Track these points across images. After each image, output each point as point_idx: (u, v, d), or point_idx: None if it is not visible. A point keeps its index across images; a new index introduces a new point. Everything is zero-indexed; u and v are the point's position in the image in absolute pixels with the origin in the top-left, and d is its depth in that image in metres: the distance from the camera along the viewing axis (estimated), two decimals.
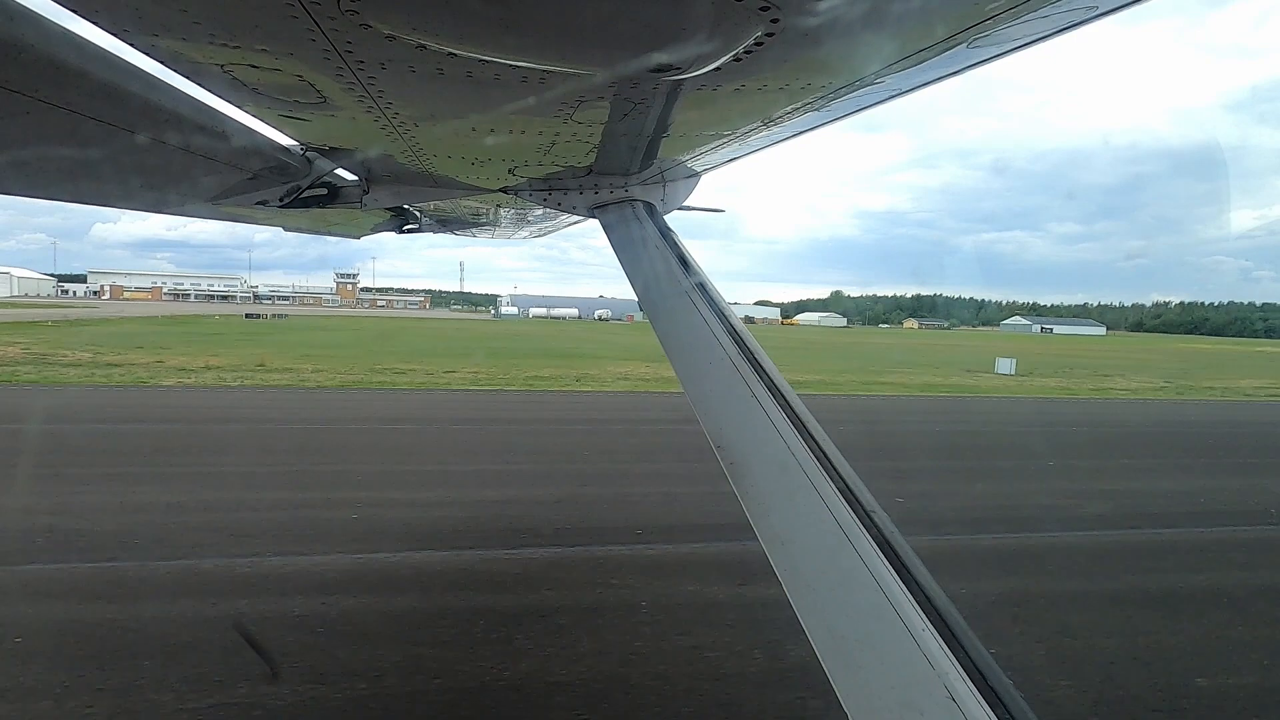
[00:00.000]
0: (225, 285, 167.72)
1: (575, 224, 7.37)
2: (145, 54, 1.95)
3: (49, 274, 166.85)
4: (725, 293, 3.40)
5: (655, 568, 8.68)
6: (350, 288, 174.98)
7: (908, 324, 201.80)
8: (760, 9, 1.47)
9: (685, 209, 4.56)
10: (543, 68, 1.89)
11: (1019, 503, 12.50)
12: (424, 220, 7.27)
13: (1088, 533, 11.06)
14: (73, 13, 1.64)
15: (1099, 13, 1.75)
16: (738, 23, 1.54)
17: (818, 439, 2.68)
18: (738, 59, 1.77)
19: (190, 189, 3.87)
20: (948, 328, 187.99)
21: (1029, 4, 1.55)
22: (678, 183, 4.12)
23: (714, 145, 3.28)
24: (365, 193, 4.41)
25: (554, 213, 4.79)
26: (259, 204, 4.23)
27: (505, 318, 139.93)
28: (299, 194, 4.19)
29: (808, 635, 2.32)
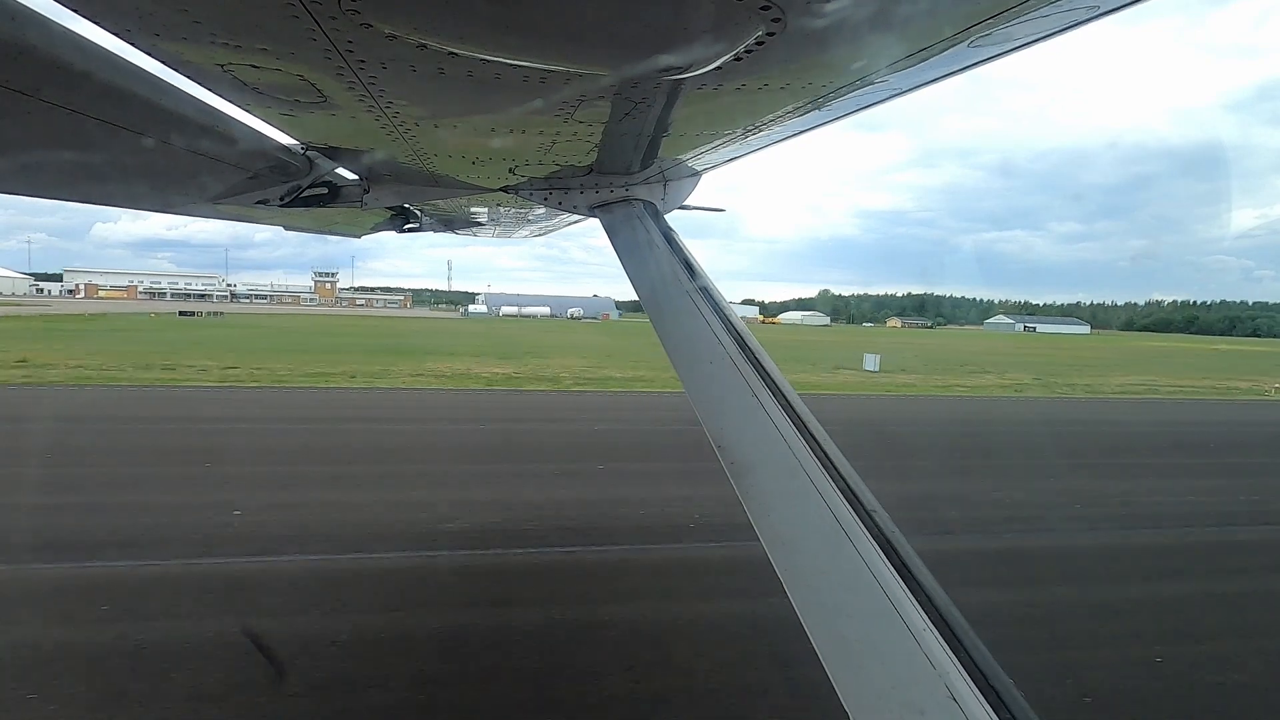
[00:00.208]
0: (204, 284, 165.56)
1: (576, 223, 7.37)
2: (147, 54, 1.95)
3: (26, 273, 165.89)
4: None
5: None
6: (329, 286, 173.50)
7: (890, 322, 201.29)
8: (761, 8, 1.47)
9: (686, 208, 4.56)
10: (544, 67, 1.89)
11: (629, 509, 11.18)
12: (425, 219, 7.27)
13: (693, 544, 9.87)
14: (75, 14, 1.64)
15: (1100, 12, 1.75)
16: (739, 23, 1.54)
17: (819, 439, 2.68)
18: (739, 59, 1.76)
19: (192, 188, 3.87)
20: (930, 326, 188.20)
21: (1030, 3, 1.55)
22: (679, 182, 4.11)
23: (715, 145, 3.28)
24: (366, 192, 4.41)
25: (555, 212, 4.79)
26: (260, 203, 4.23)
27: (473, 316, 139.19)
28: (300, 193, 4.19)
29: (809, 635, 2.32)
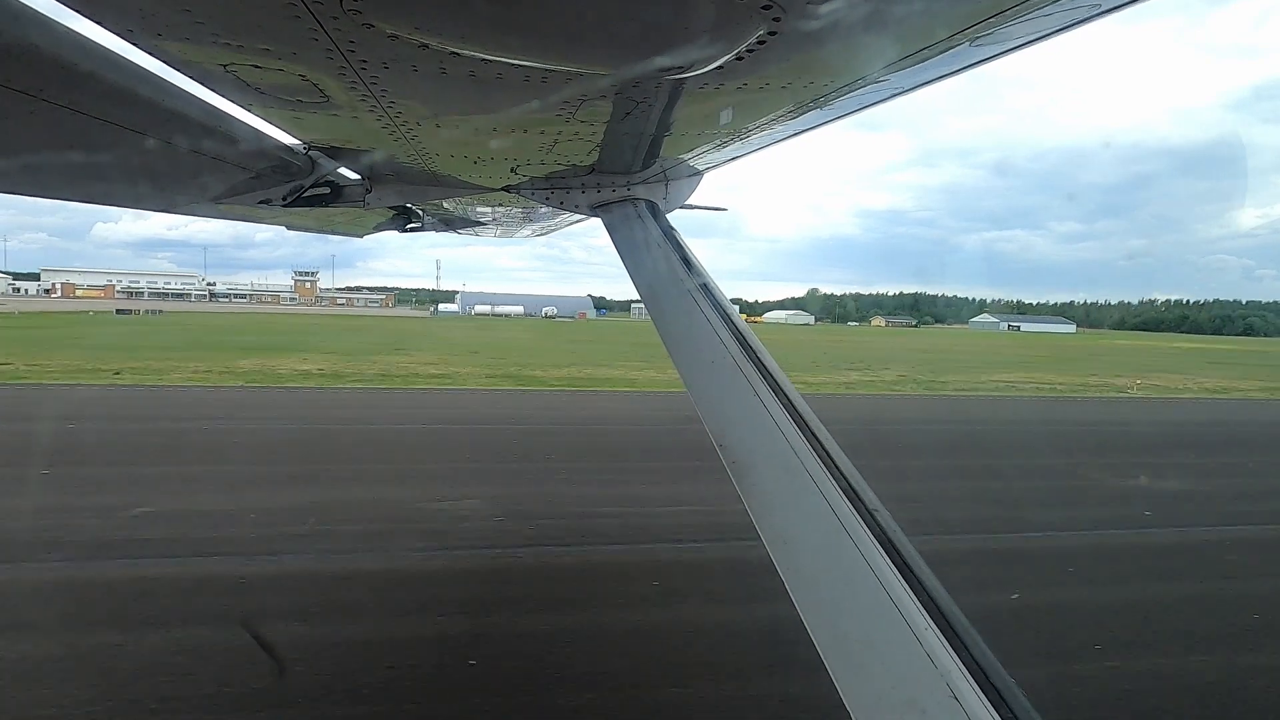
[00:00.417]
0: (182, 283, 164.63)
1: (577, 223, 7.37)
2: (149, 55, 1.96)
3: (4, 271, 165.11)
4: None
5: None
6: (309, 286, 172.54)
7: (875, 321, 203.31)
8: (762, 8, 1.47)
9: (688, 207, 4.57)
10: (545, 67, 1.89)
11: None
12: (427, 219, 7.28)
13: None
14: (78, 14, 1.64)
15: (1100, 11, 1.75)
16: (739, 22, 1.55)
17: (820, 438, 2.68)
18: (739, 58, 1.77)
19: (194, 188, 3.88)
20: (915, 325, 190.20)
21: (1030, 2, 1.55)
22: (680, 181, 4.12)
23: (716, 144, 3.28)
24: (368, 192, 4.42)
25: (556, 211, 4.79)
26: (263, 203, 4.24)
27: (442, 315, 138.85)
28: (302, 193, 4.20)
29: (810, 634, 2.32)
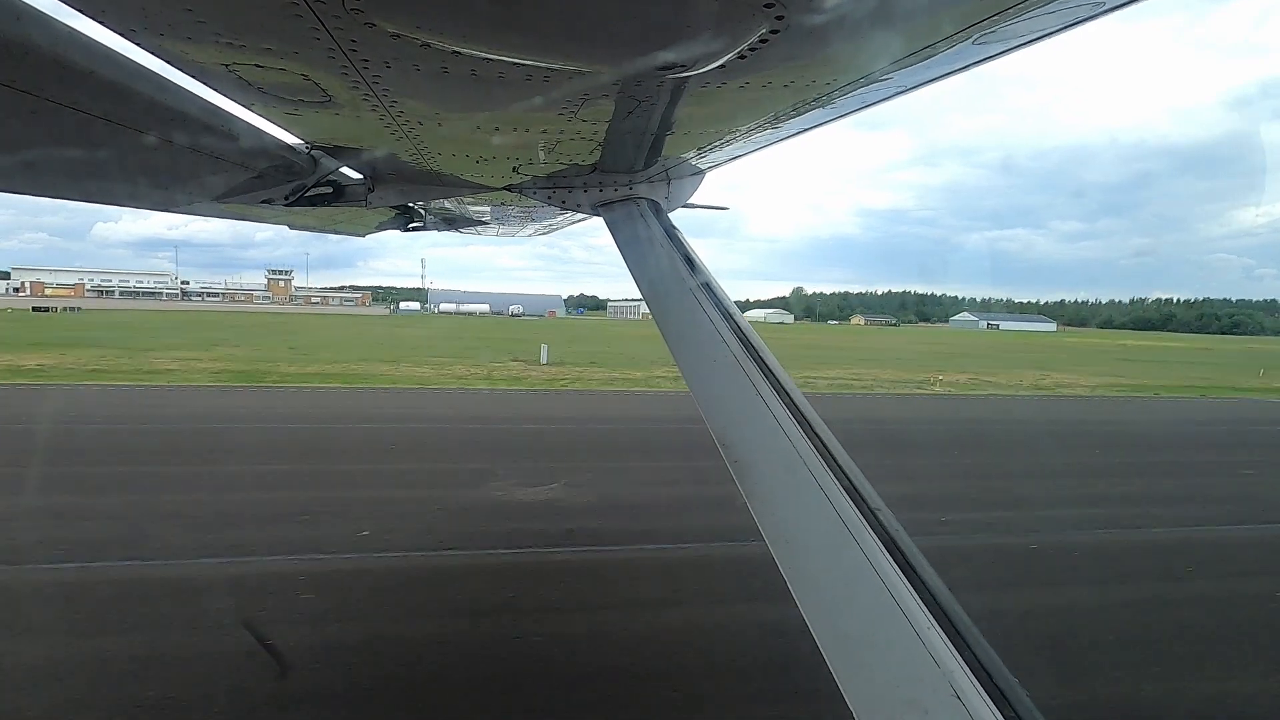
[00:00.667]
0: (155, 281, 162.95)
1: (579, 222, 7.37)
2: (152, 54, 1.96)
3: None
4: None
5: None
6: (283, 285, 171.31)
7: (855, 320, 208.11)
8: (764, 6, 1.46)
9: (690, 206, 4.56)
10: (547, 66, 1.89)
11: None
12: (429, 218, 7.28)
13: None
14: (79, 13, 1.64)
15: (1103, 9, 1.74)
16: (742, 20, 1.54)
17: (822, 437, 2.68)
18: (742, 56, 1.76)
19: (196, 188, 3.88)
20: (895, 324, 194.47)
21: (1032, 1, 1.54)
22: (682, 180, 4.11)
23: (718, 143, 3.27)
24: (370, 191, 4.42)
25: (558, 210, 4.79)
26: (265, 202, 4.24)
27: (405, 313, 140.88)
28: (304, 192, 4.20)
29: (812, 633, 2.32)
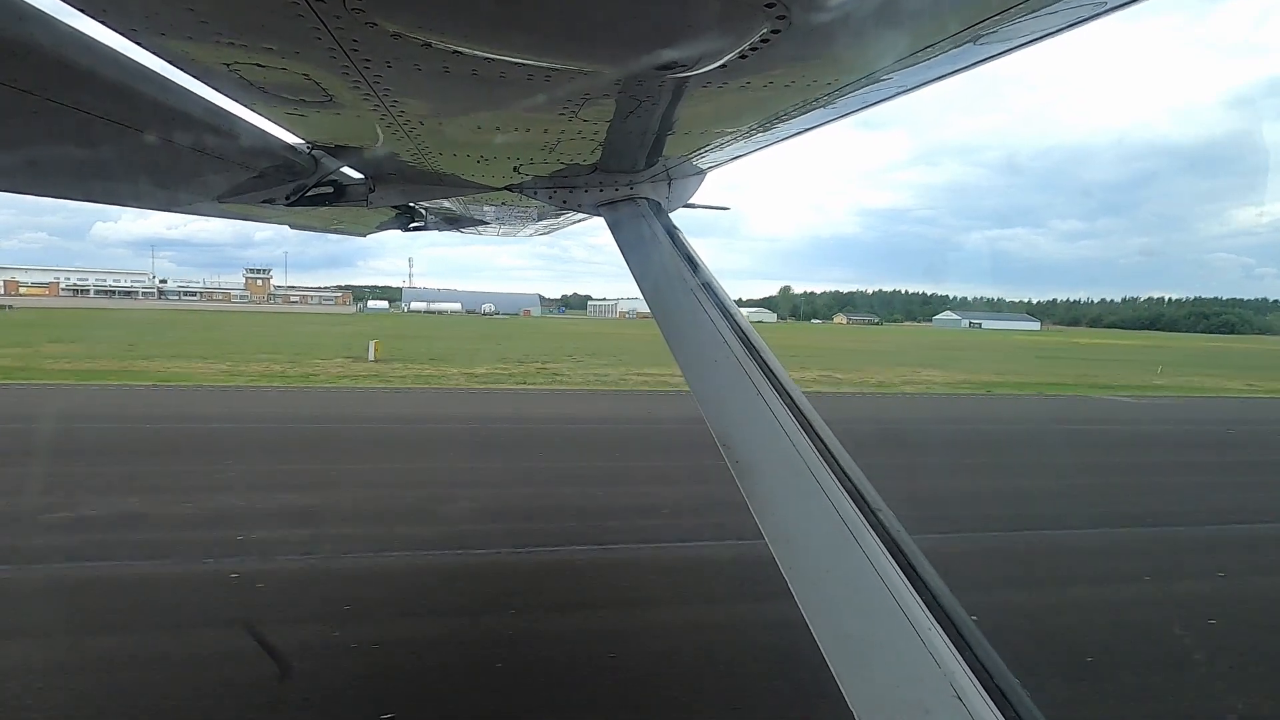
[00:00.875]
0: (132, 280, 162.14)
1: (580, 221, 7.37)
2: (153, 54, 1.96)
3: None
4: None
5: None
6: (260, 284, 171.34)
7: (837, 319, 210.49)
8: (766, 6, 1.46)
9: (691, 206, 4.56)
10: (548, 66, 1.89)
11: None
12: (430, 218, 7.28)
13: None
14: (81, 12, 1.64)
15: (1105, 9, 1.74)
16: (744, 20, 1.54)
17: (823, 437, 2.68)
18: (744, 56, 1.76)
19: (197, 187, 3.88)
20: (878, 323, 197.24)
21: (1035, 0, 1.54)
22: (683, 180, 4.11)
23: (719, 143, 3.27)
24: (371, 191, 4.42)
25: (559, 210, 4.79)
26: (266, 202, 4.24)
27: (371, 311, 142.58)
28: (305, 192, 4.20)
29: (813, 633, 2.31)
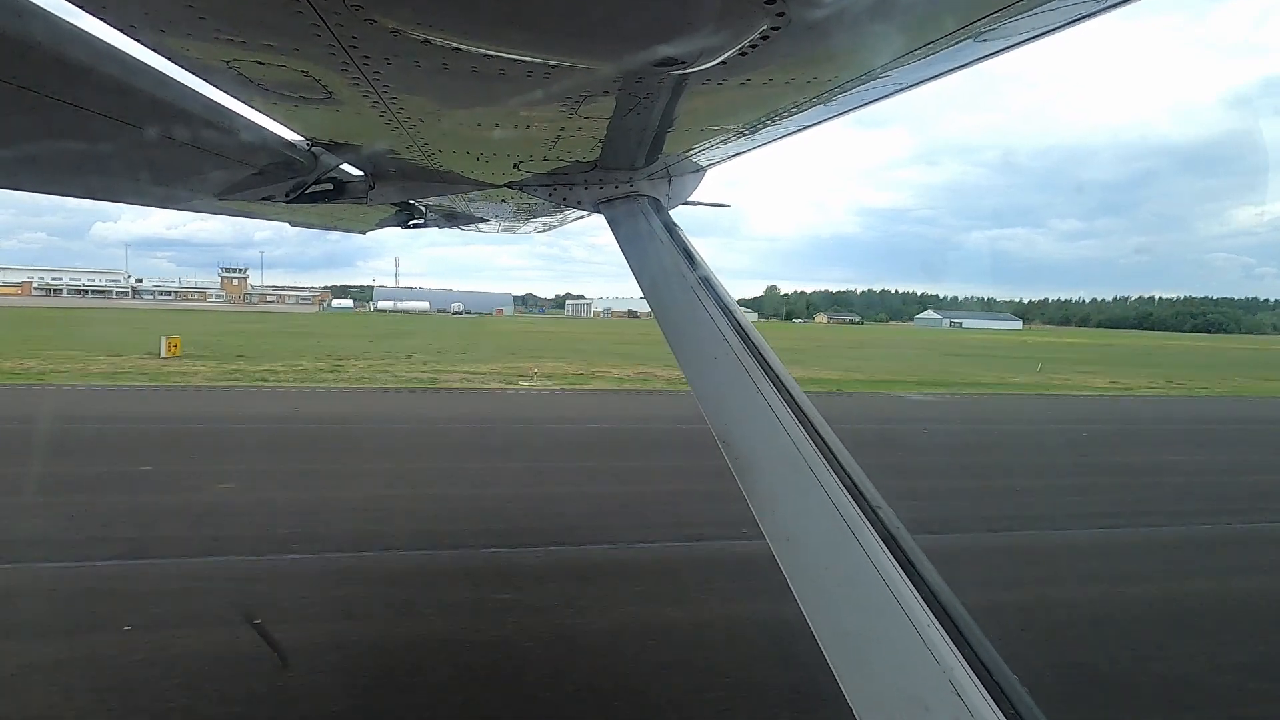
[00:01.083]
0: (107, 279, 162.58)
1: (580, 219, 7.37)
2: (152, 50, 1.95)
3: None
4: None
5: None
6: (236, 284, 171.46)
7: (819, 318, 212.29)
8: (766, 2, 1.46)
9: (690, 204, 4.55)
10: (548, 62, 1.89)
11: None
12: (429, 215, 7.28)
13: None
14: (80, 9, 1.64)
15: (1103, 6, 1.74)
16: (743, 16, 1.54)
17: (823, 435, 2.68)
18: (743, 53, 1.76)
19: (197, 184, 3.88)
20: (860, 322, 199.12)
21: None
22: (683, 178, 4.11)
23: (719, 140, 3.27)
24: (371, 188, 4.41)
25: (559, 208, 4.79)
26: (265, 199, 4.24)
27: (337, 310, 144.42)
28: (305, 189, 4.20)
29: (813, 631, 2.32)
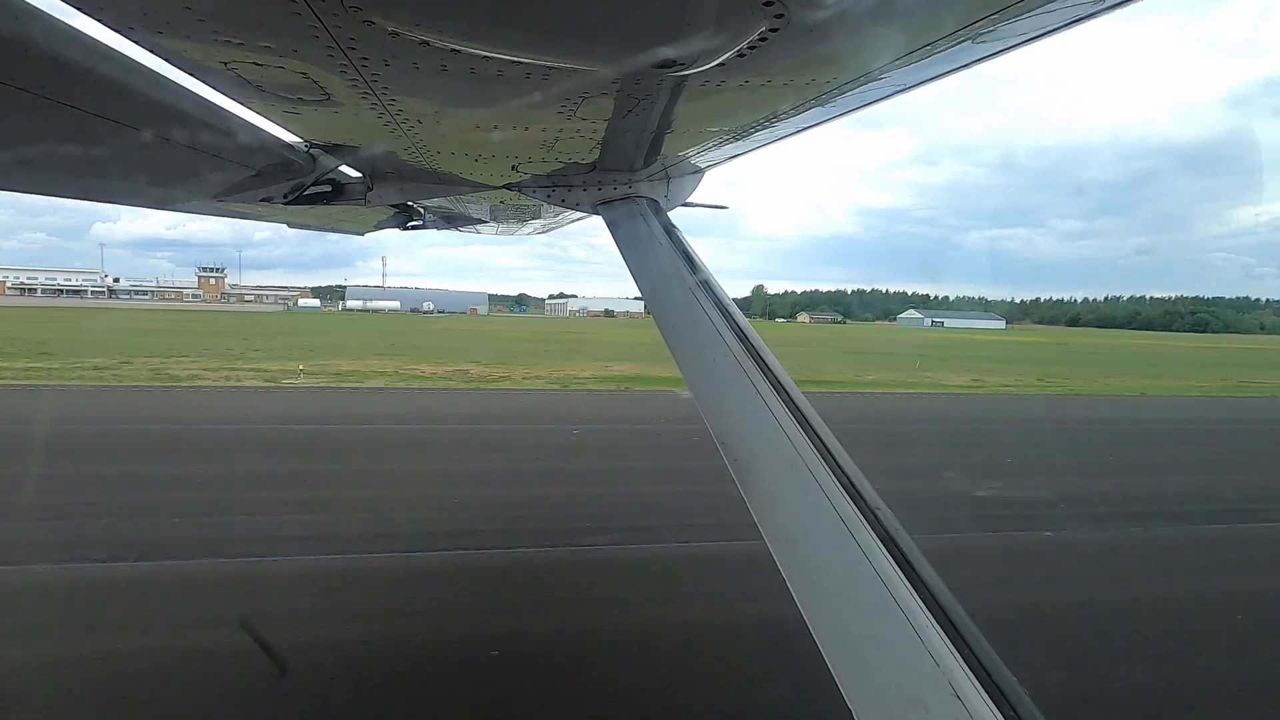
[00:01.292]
0: (84, 279, 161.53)
1: (579, 220, 7.37)
2: (150, 51, 1.95)
3: None
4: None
5: None
6: (213, 283, 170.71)
7: (800, 318, 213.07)
8: (765, 4, 1.46)
9: (689, 205, 4.56)
10: (546, 64, 1.89)
11: None
12: (428, 217, 7.27)
13: None
14: (78, 10, 1.64)
15: (1102, 7, 1.74)
16: (742, 18, 1.54)
17: (822, 435, 2.68)
18: (742, 55, 1.76)
19: (195, 186, 3.87)
20: (841, 321, 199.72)
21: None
22: (681, 179, 4.11)
23: (718, 141, 3.27)
24: (369, 189, 4.41)
25: (558, 209, 4.79)
26: (264, 201, 4.24)
27: (302, 310, 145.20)
28: (303, 191, 4.20)
29: (812, 632, 2.32)
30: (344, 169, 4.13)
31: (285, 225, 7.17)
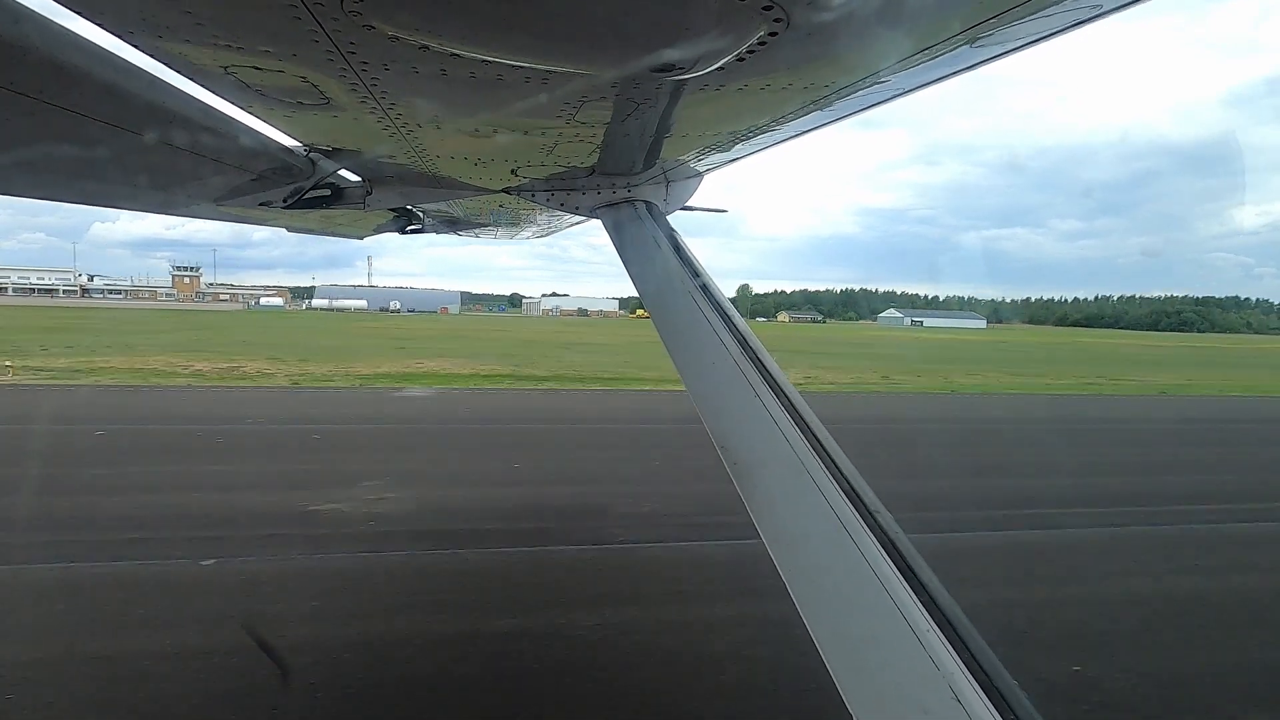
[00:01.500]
0: (57, 278, 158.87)
1: (579, 224, 7.37)
2: (149, 56, 1.95)
3: None
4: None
5: None
6: (188, 282, 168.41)
7: (780, 316, 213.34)
8: (764, 8, 1.46)
9: (688, 209, 4.56)
10: (546, 68, 1.89)
11: None
12: (427, 220, 7.28)
13: None
14: (77, 14, 1.64)
15: (1102, 11, 1.74)
16: (741, 22, 1.54)
17: (821, 438, 2.68)
18: (741, 59, 1.76)
19: (194, 190, 3.87)
20: (822, 320, 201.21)
21: (1034, 2, 1.54)
22: (681, 183, 4.11)
23: (717, 145, 3.28)
24: (368, 194, 4.41)
25: (557, 213, 4.79)
26: (263, 205, 4.23)
27: (265, 308, 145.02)
28: (303, 195, 4.20)
29: (812, 635, 2.31)
30: (343, 173, 4.12)
31: (284, 229, 7.17)
